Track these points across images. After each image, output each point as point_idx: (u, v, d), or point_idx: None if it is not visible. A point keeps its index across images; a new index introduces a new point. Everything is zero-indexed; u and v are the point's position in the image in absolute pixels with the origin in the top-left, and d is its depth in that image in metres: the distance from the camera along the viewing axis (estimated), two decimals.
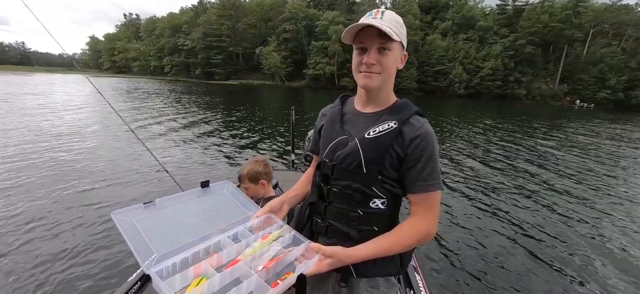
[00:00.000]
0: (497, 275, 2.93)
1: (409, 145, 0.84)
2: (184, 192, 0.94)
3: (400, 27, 0.85)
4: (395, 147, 0.85)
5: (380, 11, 0.84)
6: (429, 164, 0.84)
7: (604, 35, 41.26)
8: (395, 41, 0.82)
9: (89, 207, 3.96)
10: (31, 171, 5.15)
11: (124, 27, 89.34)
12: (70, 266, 2.82)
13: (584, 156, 8.73)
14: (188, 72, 63.48)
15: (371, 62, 0.84)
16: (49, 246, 3.09)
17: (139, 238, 0.74)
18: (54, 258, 2.91)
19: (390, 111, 0.90)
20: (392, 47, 0.83)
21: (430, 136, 0.85)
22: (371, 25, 0.80)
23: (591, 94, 38.33)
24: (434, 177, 0.84)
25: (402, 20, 0.87)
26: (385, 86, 0.90)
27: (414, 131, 0.85)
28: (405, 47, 0.89)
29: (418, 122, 0.87)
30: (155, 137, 8.32)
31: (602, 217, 4.52)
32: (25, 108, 12.23)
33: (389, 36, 0.79)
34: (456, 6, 47.93)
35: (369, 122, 0.91)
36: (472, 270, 2.98)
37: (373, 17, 0.83)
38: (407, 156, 0.84)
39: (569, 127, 15.49)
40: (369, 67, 0.85)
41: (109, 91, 23.00)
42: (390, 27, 0.81)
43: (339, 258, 0.81)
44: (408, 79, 41.32)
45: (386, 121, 0.87)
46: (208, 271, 0.72)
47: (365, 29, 0.83)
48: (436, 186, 0.84)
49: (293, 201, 1.08)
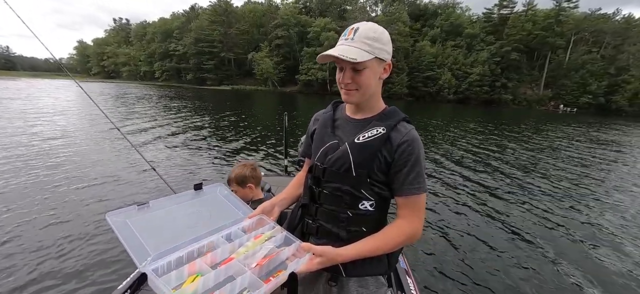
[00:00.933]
0: (487, 276, 2.99)
1: (396, 150, 0.88)
2: (178, 194, 0.96)
3: (376, 42, 0.85)
4: (383, 151, 0.89)
5: (353, 30, 0.87)
6: (415, 168, 0.88)
7: (584, 42, 43.11)
8: (366, 60, 0.84)
9: (80, 211, 3.96)
10: (20, 177, 5.14)
11: (113, 31, 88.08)
12: (64, 268, 2.82)
13: (570, 158, 9.07)
14: (179, 78, 62.98)
15: (346, 81, 0.88)
16: (41, 249, 3.09)
17: (134, 239, 0.75)
18: (47, 261, 2.90)
19: (379, 118, 0.95)
20: (365, 66, 0.85)
21: (417, 142, 0.89)
22: (335, 56, 0.83)
23: (574, 99, 39.84)
24: (420, 181, 0.89)
25: (382, 34, 0.87)
26: (369, 98, 0.93)
27: (401, 136, 0.89)
28: (388, 58, 0.90)
29: (405, 129, 0.91)
30: (145, 141, 8.30)
31: (591, 213, 4.72)
32: (11, 112, 12.01)
33: (355, 61, 0.82)
34: (444, 14, 49.36)
35: (358, 128, 0.95)
36: (461, 272, 3.04)
37: (345, 39, 0.87)
38: (394, 160, 0.88)
39: (554, 131, 16.03)
40: (346, 85, 0.90)
41: (98, 96, 22.62)
42: (361, 48, 0.83)
43: (329, 257, 0.85)
44: (399, 85, 42.10)
45: (375, 127, 0.91)
46: (203, 268, 0.74)
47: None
48: (422, 189, 0.89)
49: (283, 204, 1.11)
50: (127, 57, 73.56)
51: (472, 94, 42.37)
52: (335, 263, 0.88)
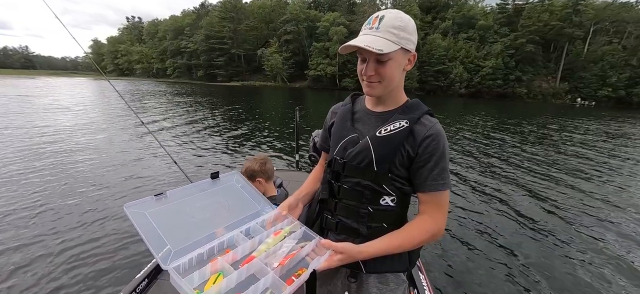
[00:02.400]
0: (500, 274, 2.92)
1: (420, 144, 0.85)
2: (194, 183, 0.94)
3: (402, 32, 0.81)
4: (406, 146, 0.86)
5: (378, 19, 0.82)
6: (439, 164, 0.85)
7: (604, 33, 41.34)
8: (393, 51, 0.81)
9: (100, 199, 4.15)
10: (44, 167, 5.45)
11: (126, 30, 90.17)
12: (81, 258, 2.91)
13: (588, 153, 8.78)
14: (190, 74, 64.05)
15: (370, 73, 0.85)
16: (58, 237, 3.21)
17: (153, 232, 0.74)
18: (64, 250, 3.01)
19: (402, 110, 0.92)
20: (390, 57, 0.82)
21: (441, 136, 0.86)
22: (360, 47, 0.80)
23: (592, 92, 38.41)
24: (444, 177, 0.85)
25: (407, 22, 0.83)
26: (391, 90, 0.90)
27: (425, 130, 0.86)
28: (413, 48, 0.87)
29: (429, 122, 0.88)
30: (162, 134, 8.64)
31: (613, 212, 4.55)
32: (41, 107, 12.65)
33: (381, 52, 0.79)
34: (456, 6, 48.18)
35: (380, 121, 0.92)
36: (475, 268, 2.98)
37: (369, 27, 0.84)
38: (417, 155, 0.86)
39: (573, 125, 15.54)
40: (368, 78, 0.86)
41: (114, 93, 23.34)
42: (386, 38, 0.80)
43: (350, 254, 0.82)
44: (409, 79, 41.50)
45: (397, 120, 0.88)
46: (225, 267, 0.74)
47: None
48: (446, 185, 0.86)
49: (306, 199, 1.09)
50: (140, 55, 75.31)
51: (485, 88, 41.42)
52: (356, 260, 0.86)
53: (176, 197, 0.86)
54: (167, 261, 0.70)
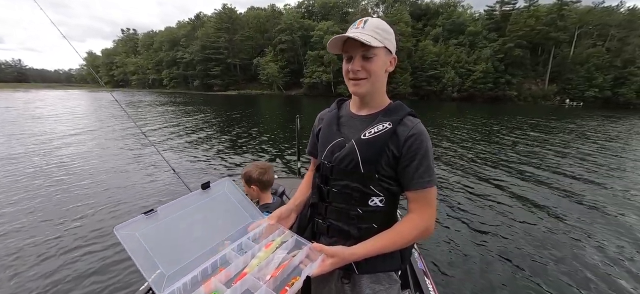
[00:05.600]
0: (506, 275, 2.91)
1: (403, 144, 0.87)
2: (185, 196, 0.94)
3: (384, 33, 0.87)
4: (390, 146, 0.88)
5: (363, 21, 0.88)
6: (423, 162, 0.87)
7: (589, 36, 42.81)
8: (377, 47, 0.85)
9: (94, 211, 4.11)
10: (40, 177, 5.60)
11: (121, 42, 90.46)
12: (79, 272, 2.88)
13: (580, 151, 8.99)
14: (186, 84, 64.40)
15: (356, 68, 0.88)
16: (53, 255, 3.15)
17: (145, 254, 0.73)
18: (58, 266, 2.96)
19: (385, 113, 0.94)
20: (375, 53, 0.86)
21: (424, 135, 0.89)
22: (350, 37, 0.84)
23: (580, 93, 39.57)
24: (429, 174, 0.88)
25: (388, 27, 0.90)
26: (375, 90, 0.94)
27: (407, 130, 0.88)
28: (393, 51, 0.92)
29: (411, 122, 0.90)
30: (161, 144, 8.81)
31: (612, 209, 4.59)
32: (36, 118, 12.91)
33: (369, 45, 0.82)
34: (446, 13, 49.59)
35: (364, 124, 0.95)
36: (480, 271, 2.97)
37: (355, 28, 0.88)
38: (402, 155, 0.88)
39: (563, 125, 15.93)
40: (355, 74, 0.89)
41: (110, 104, 23.41)
42: (372, 35, 0.84)
43: (342, 257, 0.84)
44: (403, 85, 42.45)
45: (381, 122, 0.91)
46: (218, 287, 0.73)
47: (349, 40, 0.86)
48: (431, 182, 0.88)
49: (300, 207, 1.11)
50: (136, 66, 75.50)
51: (477, 92, 42.47)
52: (349, 262, 0.88)
53: (167, 214, 0.86)
54: (162, 288, 0.69)
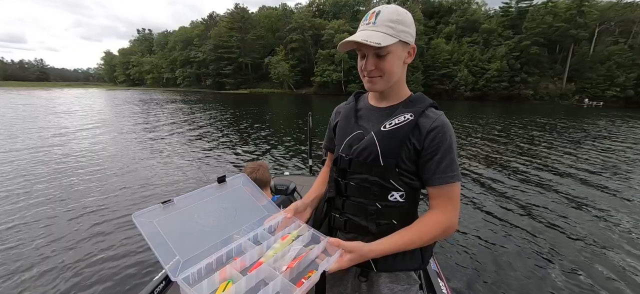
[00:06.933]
0: (521, 278, 2.84)
1: (425, 137, 0.83)
2: (201, 188, 0.93)
3: (398, 24, 0.82)
4: (411, 139, 0.85)
5: (374, 13, 0.83)
6: (447, 156, 0.83)
7: (610, 33, 41.16)
8: (390, 44, 0.80)
9: (111, 204, 4.23)
10: (56, 173, 5.72)
11: (137, 41, 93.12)
12: (94, 262, 2.91)
13: (600, 153, 8.64)
14: (199, 83, 65.83)
15: (370, 68, 0.85)
16: (75, 243, 3.23)
17: (162, 241, 0.75)
18: (80, 255, 3.02)
19: (405, 104, 0.90)
20: (389, 51, 0.82)
21: (447, 128, 0.84)
22: (358, 42, 0.80)
23: (600, 93, 38.18)
24: (453, 169, 0.83)
25: (404, 16, 0.84)
26: (393, 84, 0.90)
27: (430, 122, 0.84)
28: (412, 41, 0.87)
29: (434, 114, 0.86)
30: (177, 140, 9.10)
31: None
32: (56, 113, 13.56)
33: (380, 45, 0.78)
34: (459, 10, 48.69)
35: (384, 116, 0.91)
36: (495, 274, 2.91)
37: (366, 23, 0.84)
38: (424, 148, 0.84)
39: (582, 126, 15.21)
40: (369, 73, 0.86)
41: (126, 102, 24.02)
42: (384, 31, 0.81)
43: (360, 253, 0.80)
44: (414, 83, 41.99)
45: (401, 114, 0.87)
46: (233, 274, 0.73)
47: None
48: (455, 177, 0.84)
49: (315, 203, 1.08)
50: (151, 66, 77.58)
51: (490, 90, 41.59)
52: (367, 259, 0.84)
53: (183, 204, 0.87)
54: (176, 273, 0.70)
